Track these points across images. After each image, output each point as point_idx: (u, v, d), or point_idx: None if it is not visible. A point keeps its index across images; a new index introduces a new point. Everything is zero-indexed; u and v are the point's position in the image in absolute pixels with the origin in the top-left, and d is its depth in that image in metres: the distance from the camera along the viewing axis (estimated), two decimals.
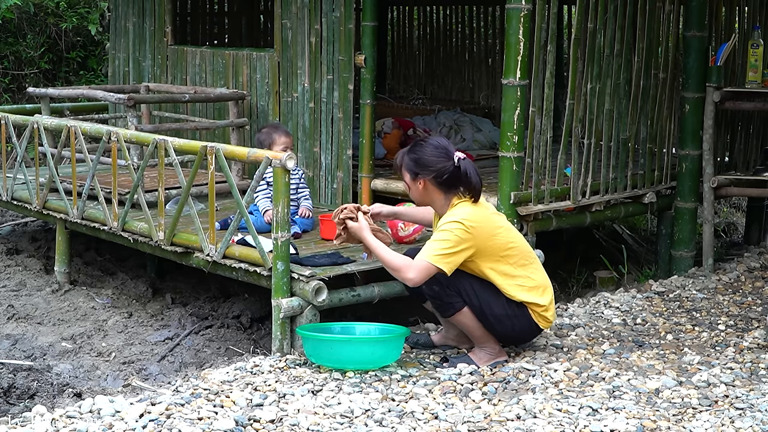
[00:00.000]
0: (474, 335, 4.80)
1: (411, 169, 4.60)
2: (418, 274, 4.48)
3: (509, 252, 4.66)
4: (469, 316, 4.72)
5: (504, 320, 4.71)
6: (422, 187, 4.61)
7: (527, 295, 4.71)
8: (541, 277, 4.80)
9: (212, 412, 4.10)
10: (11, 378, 5.14)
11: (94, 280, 6.93)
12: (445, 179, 4.55)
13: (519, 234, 4.85)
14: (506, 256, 4.66)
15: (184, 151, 5.65)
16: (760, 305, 5.94)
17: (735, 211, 9.70)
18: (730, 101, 6.67)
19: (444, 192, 4.60)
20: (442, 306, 4.73)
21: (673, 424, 4.05)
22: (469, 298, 4.67)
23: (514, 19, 5.55)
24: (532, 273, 4.74)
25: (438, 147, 4.59)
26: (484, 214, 4.62)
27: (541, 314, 4.77)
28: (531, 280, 4.73)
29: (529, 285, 4.73)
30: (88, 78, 10.86)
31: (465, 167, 4.55)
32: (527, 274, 4.72)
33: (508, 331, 4.77)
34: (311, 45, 6.70)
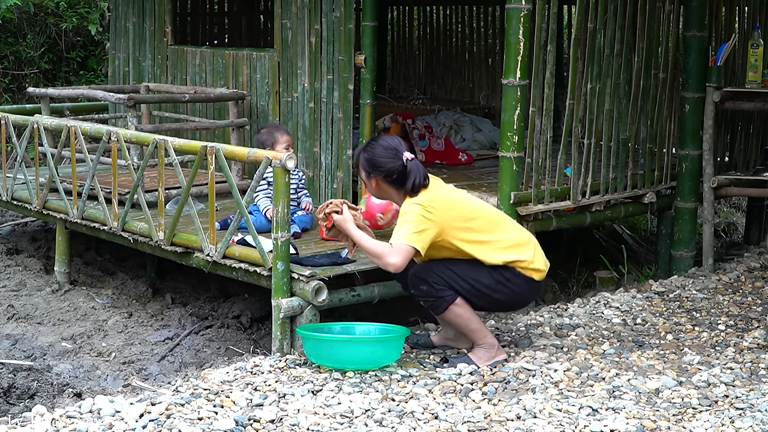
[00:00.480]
0: (470, 329, 4.79)
1: (365, 168, 4.76)
2: (398, 257, 4.56)
3: (474, 222, 4.72)
4: (462, 308, 4.73)
5: (498, 288, 4.73)
6: (376, 185, 4.77)
7: (506, 254, 4.73)
8: (516, 235, 4.83)
9: (212, 412, 4.10)
10: (11, 378, 5.14)
11: (94, 280, 6.93)
12: (394, 178, 4.69)
13: (482, 203, 4.93)
14: (472, 227, 4.70)
15: (184, 151, 5.65)
16: (760, 305, 5.94)
17: (735, 211, 9.70)
18: (730, 101, 6.67)
19: (396, 189, 4.73)
20: (435, 303, 4.75)
21: (673, 424, 4.05)
22: (456, 282, 4.70)
23: (514, 19, 5.55)
24: (505, 233, 4.78)
25: (387, 148, 4.72)
26: (438, 192, 4.72)
27: (529, 268, 4.77)
28: (506, 241, 4.76)
29: (505, 245, 4.75)
30: (88, 78, 10.86)
31: (411, 168, 4.68)
32: (500, 237, 4.75)
33: (508, 297, 4.78)
34: (311, 45, 6.70)
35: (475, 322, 4.79)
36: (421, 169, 4.71)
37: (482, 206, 4.88)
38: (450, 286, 4.70)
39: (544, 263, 4.87)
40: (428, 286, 4.71)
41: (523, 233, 4.91)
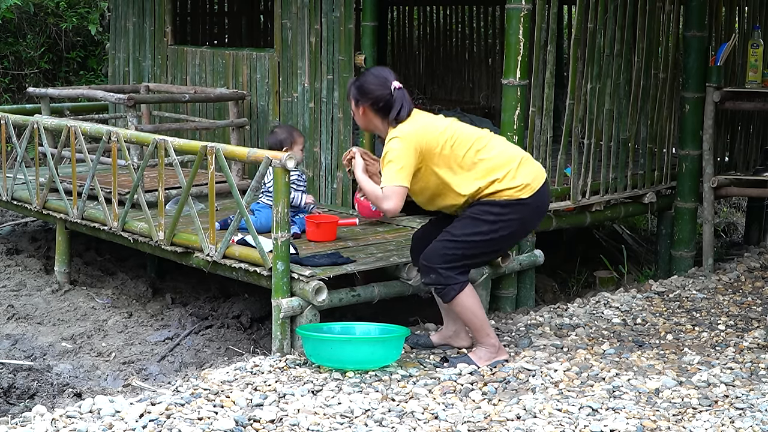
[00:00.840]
0: (474, 326, 4.80)
1: (354, 96, 4.81)
2: (390, 201, 4.61)
3: (456, 147, 4.69)
4: (470, 299, 4.74)
5: (497, 227, 4.69)
6: (362, 113, 4.80)
7: (481, 180, 4.68)
8: (497, 155, 4.72)
9: (212, 412, 4.10)
10: (11, 378, 5.14)
11: (94, 280, 6.93)
12: (381, 107, 4.73)
13: (468, 128, 4.83)
14: (453, 153, 4.68)
15: (184, 151, 5.65)
16: (760, 305, 5.94)
17: (735, 211, 9.70)
18: (730, 101, 6.67)
19: (381, 118, 4.75)
20: (444, 291, 4.76)
21: (673, 424, 4.05)
22: (458, 248, 4.69)
23: (514, 19, 5.55)
24: (487, 153, 4.71)
25: (378, 76, 4.80)
26: (419, 122, 4.73)
27: (510, 188, 4.67)
28: (485, 162, 4.69)
29: (484, 168, 4.69)
30: (88, 78, 10.86)
31: (397, 97, 4.72)
32: (483, 157, 4.70)
33: (514, 230, 4.74)
34: (311, 45, 6.70)
35: (479, 319, 4.79)
36: (407, 100, 4.74)
37: (464, 130, 4.79)
38: (455, 265, 4.69)
39: (531, 176, 4.73)
40: (437, 274, 4.73)
41: (506, 153, 4.76)
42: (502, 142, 4.87)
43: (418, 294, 5.70)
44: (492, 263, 5.64)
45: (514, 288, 5.90)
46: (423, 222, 6.10)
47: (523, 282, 5.96)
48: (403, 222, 6.20)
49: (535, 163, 4.84)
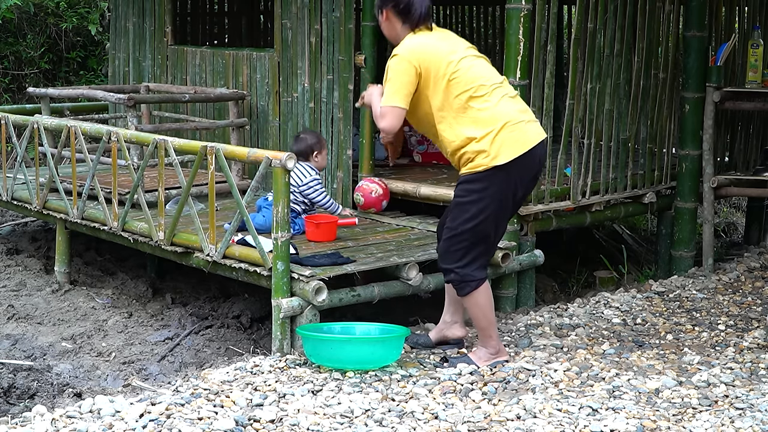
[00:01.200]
0: (480, 325, 4.79)
1: (378, 4, 4.85)
2: (385, 120, 4.66)
3: (452, 84, 4.63)
4: (483, 298, 4.74)
5: (484, 204, 4.63)
6: (386, 19, 4.82)
7: (465, 135, 4.61)
8: (487, 110, 4.61)
9: (212, 412, 4.10)
10: (11, 378, 5.14)
11: (94, 280, 6.93)
12: (402, 8, 4.75)
13: (476, 69, 4.70)
14: (449, 91, 4.62)
15: (184, 151, 5.65)
16: (760, 305, 5.94)
17: (735, 211, 9.70)
18: (730, 101, 6.67)
19: (402, 22, 4.77)
20: (460, 285, 4.75)
21: (673, 424, 4.05)
22: (463, 235, 4.67)
23: (514, 19, 5.55)
24: (476, 104, 4.62)
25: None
26: (428, 40, 4.72)
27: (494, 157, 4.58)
28: (471, 113, 4.62)
29: (469, 119, 4.62)
30: (88, 78, 10.86)
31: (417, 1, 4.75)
32: (470, 105, 4.62)
33: (503, 199, 4.65)
34: (311, 45, 6.70)
35: (486, 320, 4.78)
36: (425, 2, 4.76)
37: (471, 71, 4.67)
38: (467, 261, 4.68)
39: (512, 141, 4.59)
40: (454, 274, 4.74)
41: (495, 112, 4.62)
42: (501, 98, 4.67)
43: (418, 294, 5.70)
44: (492, 263, 5.65)
45: (514, 288, 5.90)
46: (423, 222, 6.13)
47: (523, 282, 5.97)
48: (403, 222, 6.20)
49: (522, 128, 4.64)
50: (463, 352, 4.97)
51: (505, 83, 4.79)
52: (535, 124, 4.76)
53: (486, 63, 4.80)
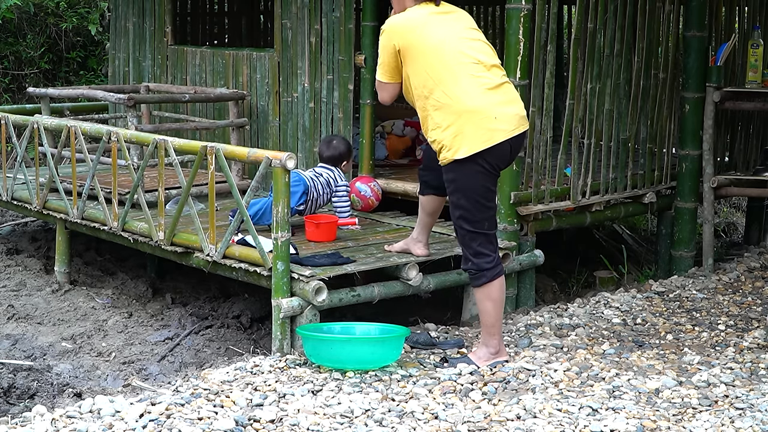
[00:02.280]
0: (485, 321, 4.79)
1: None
2: (379, 93, 4.91)
3: (431, 65, 4.62)
4: (495, 293, 4.75)
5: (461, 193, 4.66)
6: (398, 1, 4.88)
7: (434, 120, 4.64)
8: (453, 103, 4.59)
9: (212, 412, 4.10)
10: (11, 378, 5.14)
11: (94, 280, 6.93)
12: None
13: (455, 54, 4.65)
14: (425, 69, 4.64)
15: (184, 151, 5.65)
16: (760, 305, 5.94)
17: (735, 211, 9.70)
18: (730, 101, 6.67)
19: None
20: (477, 275, 4.76)
21: (673, 424, 4.05)
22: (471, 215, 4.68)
23: (514, 19, 5.55)
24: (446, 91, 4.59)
25: None
26: (412, 18, 4.74)
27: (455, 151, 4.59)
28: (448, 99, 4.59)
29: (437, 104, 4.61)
30: (88, 78, 10.86)
31: None
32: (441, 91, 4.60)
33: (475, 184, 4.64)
34: (311, 45, 6.70)
35: (493, 316, 4.78)
36: None
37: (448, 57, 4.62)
38: (477, 247, 4.70)
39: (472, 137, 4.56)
40: (471, 262, 4.76)
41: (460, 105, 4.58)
42: (477, 87, 4.61)
43: (418, 294, 5.70)
44: None
45: (514, 288, 5.90)
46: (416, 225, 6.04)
47: (523, 282, 5.96)
48: (403, 222, 6.21)
49: (491, 123, 4.58)
50: (463, 352, 4.97)
51: (493, 70, 4.71)
52: (508, 119, 4.64)
53: (479, 47, 4.73)
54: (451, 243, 5.75)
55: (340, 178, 6.07)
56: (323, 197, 6.02)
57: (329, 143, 6.18)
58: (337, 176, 6.06)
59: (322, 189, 5.99)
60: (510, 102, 4.71)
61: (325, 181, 6.03)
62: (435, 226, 5.94)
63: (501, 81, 4.71)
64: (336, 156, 6.09)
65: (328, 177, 6.04)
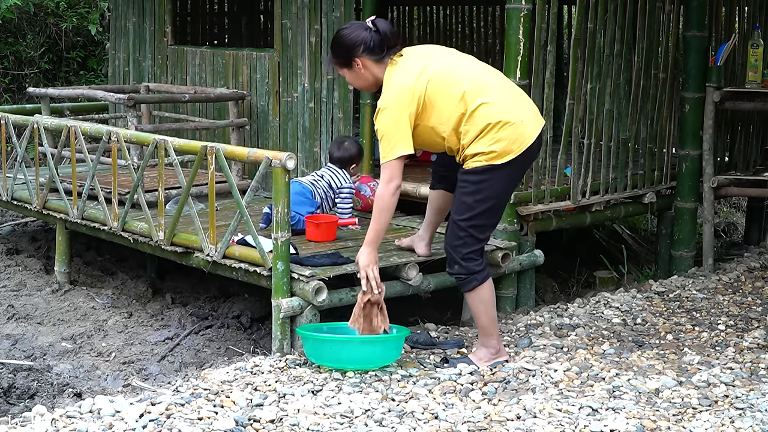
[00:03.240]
0: (482, 323, 4.79)
1: (344, 57, 4.67)
2: (388, 178, 4.56)
3: (444, 104, 4.58)
4: (486, 295, 4.77)
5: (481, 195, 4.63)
6: (361, 67, 4.67)
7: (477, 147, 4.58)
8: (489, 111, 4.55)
9: (212, 412, 4.10)
10: (11, 378, 5.14)
11: (94, 280, 6.93)
12: (373, 48, 4.61)
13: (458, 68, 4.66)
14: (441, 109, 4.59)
15: (184, 151, 5.65)
16: (760, 305, 5.94)
17: (735, 211, 9.70)
18: (730, 101, 6.67)
19: (377, 62, 4.64)
20: (466, 280, 4.76)
21: (673, 424, 4.05)
22: (459, 226, 4.68)
23: (514, 19, 5.55)
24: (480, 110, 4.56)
25: (351, 25, 4.76)
26: (405, 82, 4.57)
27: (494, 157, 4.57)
28: (475, 125, 4.57)
29: (475, 131, 4.57)
30: (88, 78, 10.86)
31: (381, 26, 4.64)
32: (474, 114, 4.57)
33: (498, 190, 4.65)
34: (311, 45, 6.70)
35: (488, 317, 4.79)
36: (390, 25, 4.70)
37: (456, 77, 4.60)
38: (470, 252, 4.70)
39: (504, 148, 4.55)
40: (459, 265, 4.75)
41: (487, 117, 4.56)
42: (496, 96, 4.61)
43: (418, 294, 5.70)
44: (492, 263, 5.65)
45: (514, 288, 5.90)
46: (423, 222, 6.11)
47: (523, 282, 5.97)
48: (403, 222, 6.20)
49: (518, 126, 4.59)
50: (463, 353, 4.97)
51: (496, 77, 4.74)
52: (531, 118, 4.68)
53: (468, 62, 4.75)
54: None
55: (345, 180, 6.07)
56: (327, 200, 6.02)
57: (340, 144, 6.16)
58: (341, 178, 6.06)
59: (324, 192, 6.00)
60: (526, 101, 4.77)
61: (327, 184, 6.02)
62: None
63: (507, 85, 4.76)
64: (346, 158, 6.08)
65: (330, 179, 6.03)
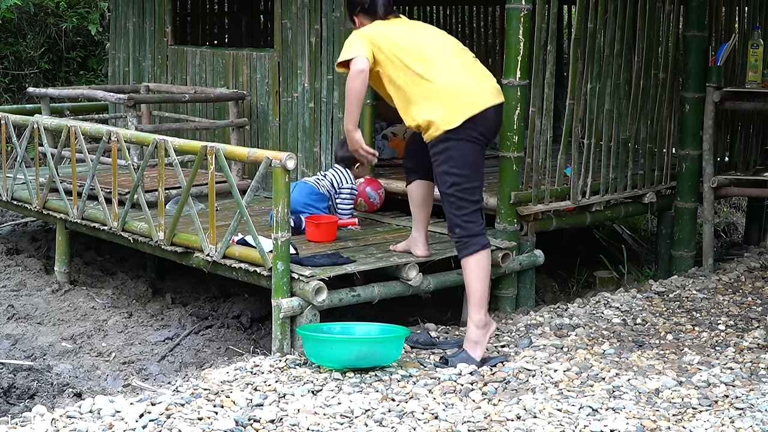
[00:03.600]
0: (471, 291, 4.91)
1: (348, 14, 5.28)
2: (350, 76, 4.91)
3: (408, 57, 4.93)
4: (481, 262, 4.91)
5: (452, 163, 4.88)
6: (358, 25, 5.17)
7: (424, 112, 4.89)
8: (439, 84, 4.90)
9: (212, 412, 4.10)
10: (11, 378, 5.14)
11: (94, 280, 6.93)
12: (368, 8, 5.14)
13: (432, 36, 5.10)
14: (408, 64, 4.92)
15: (184, 151, 5.65)
16: (760, 305, 5.94)
17: (735, 211, 9.70)
18: (730, 101, 6.67)
19: (371, 20, 5.13)
20: (462, 246, 4.93)
21: (673, 424, 4.05)
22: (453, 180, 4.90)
23: (514, 19, 5.55)
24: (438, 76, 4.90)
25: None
26: (381, 25, 5.07)
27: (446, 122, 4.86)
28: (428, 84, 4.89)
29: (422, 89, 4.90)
30: (88, 78, 10.86)
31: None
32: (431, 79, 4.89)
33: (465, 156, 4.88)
34: (311, 45, 6.70)
35: (479, 290, 4.88)
36: None
37: (425, 38, 5.04)
38: (466, 214, 4.89)
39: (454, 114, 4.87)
40: (460, 228, 4.93)
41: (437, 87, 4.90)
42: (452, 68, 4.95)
43: (418, 294, 5.70)
44: (492, 263, 5.65)
45: (514, 288, 5.90)
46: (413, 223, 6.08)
47: (523, 282, 5.96)
48: (403, 222, 6.20)
49: (468, 95, 4.90)
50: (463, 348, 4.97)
51: (461, 53, 5.05)
52: (483, 89, 4.96)
53: (441, 37, 5.11)
54: (451, 243, 5.75)
55: (347, 180, 6.08)
56: (330, 199, 6.06)
57: (343, 144, 6.15)
58: (343, 178, 6.08)
59: (327, 191, 6.02)
60: (485, 76, 5.03)
61: (329, 183, 6.04)
62: (434, 226, 5.95)
63: (472, 61, 5.06)
64: (349, 157, 6.06)
65: (332, 178, 6.05)
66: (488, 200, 6.04)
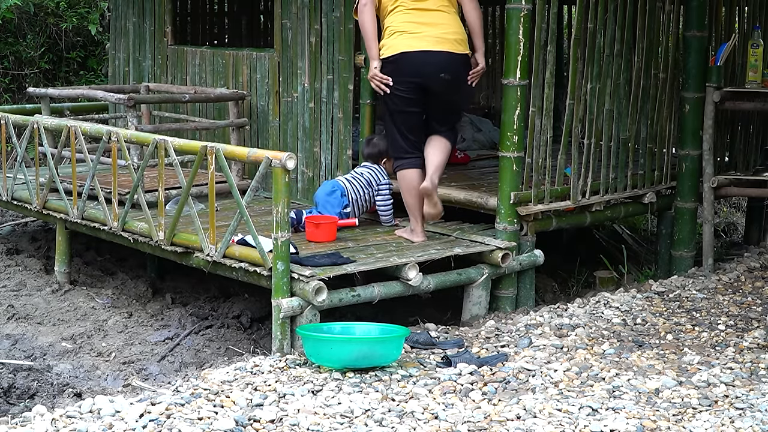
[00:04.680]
0: (407, 202, 5.73)
1: None
2: (357, 12, 5.64)
3: None
4: (408, 176, 5.67)
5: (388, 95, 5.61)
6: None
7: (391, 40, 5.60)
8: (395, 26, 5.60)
9: (212, 412, 4.10)
10: (11, 378, 5.14)
11: (94, 280, 6.93)
12: None
13: None
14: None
15: (184, 151, 5.65)
16: (760, 305, 5.94)
17: (735, 211, 9.70)
18: (730, 101, 6.67)
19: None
20: (396, 163, 5.76)
21: (673, 424, 4.05)
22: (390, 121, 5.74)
23: (514, 19, 5.55)
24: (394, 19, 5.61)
25: None
26: None
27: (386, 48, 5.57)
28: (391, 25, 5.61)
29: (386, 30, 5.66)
30: (88, 78, 10.86)
31: None
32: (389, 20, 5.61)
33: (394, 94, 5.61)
34: (311, 45, 6.70)
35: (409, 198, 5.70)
36: None
37: None
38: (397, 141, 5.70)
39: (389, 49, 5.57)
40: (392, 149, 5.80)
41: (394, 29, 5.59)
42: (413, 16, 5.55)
43: (418, 294, 5.70)
44: (492, 263, 5.66)
45: (514, 288, 5.90)
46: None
47: (523, 282, 5.97)
48: (404, 223, 6.20)
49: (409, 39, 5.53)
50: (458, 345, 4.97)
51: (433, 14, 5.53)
52: (428, 40, 5.51)
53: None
54: (451, 243, 5.76)
55: (383, 177, 6.17)
56: (365, 197, 6.12)
57: (369, 141, 6.33)
58: (379, 175, 6.16)
59: (363, 189, 6.08)
60: (436, 25, 5.53)
61: (366, 181, 6.13)
62: (434, 226, 5.97)
63: (436, 9, 5.55)
64: (375, 153, 6.20)
65: (369, 176, 6.13)
66: (488, 200, 6.04)
